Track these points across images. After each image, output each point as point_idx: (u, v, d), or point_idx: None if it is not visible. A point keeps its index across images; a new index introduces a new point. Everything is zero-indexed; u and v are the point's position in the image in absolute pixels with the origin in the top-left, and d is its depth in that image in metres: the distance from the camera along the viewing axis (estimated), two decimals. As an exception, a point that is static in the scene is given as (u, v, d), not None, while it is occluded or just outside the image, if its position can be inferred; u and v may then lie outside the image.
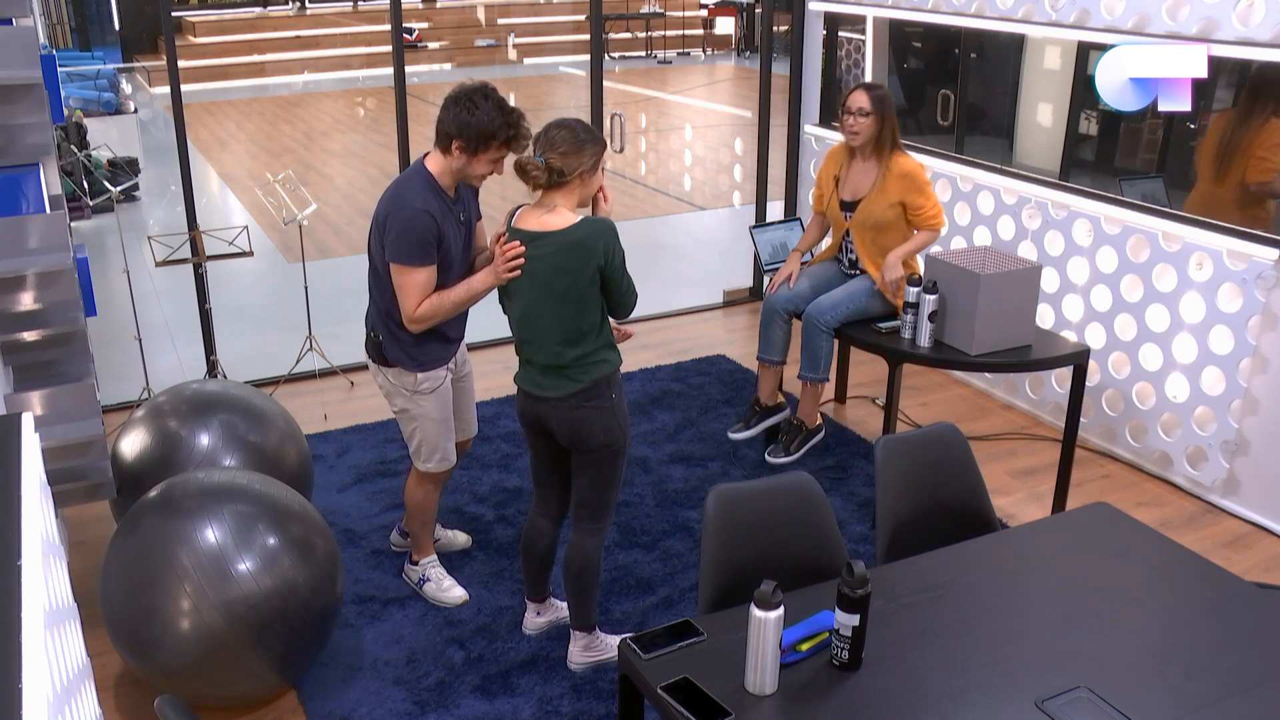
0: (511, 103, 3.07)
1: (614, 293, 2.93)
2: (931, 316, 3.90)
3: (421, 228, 3.01)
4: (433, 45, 17.68)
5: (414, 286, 3.07)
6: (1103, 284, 4.52)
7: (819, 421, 4.46)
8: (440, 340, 3.30)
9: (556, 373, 2.97)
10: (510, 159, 3.00)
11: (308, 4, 18.13)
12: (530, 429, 3.14)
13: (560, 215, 2.88)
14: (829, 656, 2.18)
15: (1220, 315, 4.06)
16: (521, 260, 2.90)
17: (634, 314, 3.26)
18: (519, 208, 3.00)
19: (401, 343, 3.22)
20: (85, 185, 7.97)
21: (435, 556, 3.63)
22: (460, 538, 3.89)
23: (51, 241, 3.08)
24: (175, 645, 2.82)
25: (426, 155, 3.12)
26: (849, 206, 4.23)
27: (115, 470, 3.44)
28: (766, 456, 4.39)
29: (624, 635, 2.60)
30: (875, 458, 2.76)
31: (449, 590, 3.56)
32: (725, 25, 19.34)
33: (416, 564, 3.61)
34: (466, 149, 3.01)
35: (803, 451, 4.39)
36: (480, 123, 2.96)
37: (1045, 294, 4.69)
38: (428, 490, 3.48)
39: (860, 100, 4.07)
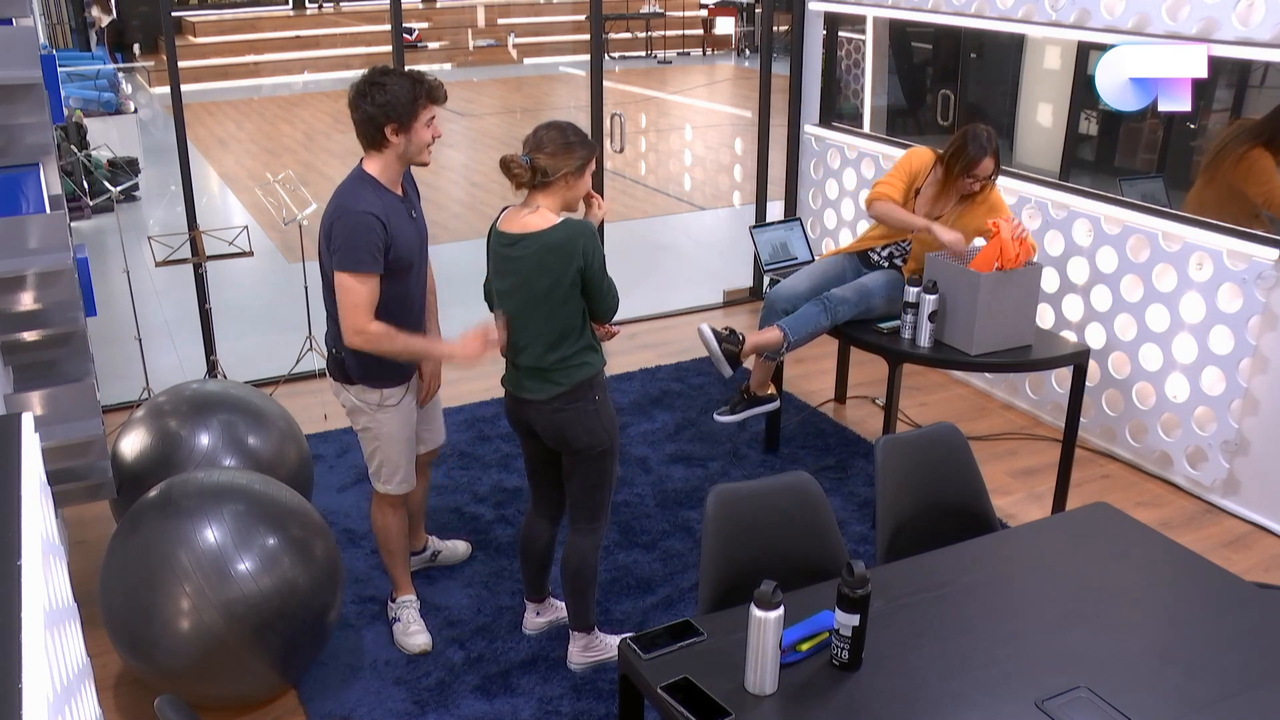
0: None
1: (594, 295, 2.92)
2: (931, 316, 3.90)
3: (367, 231, 2.88)
4: (433, 45, 17.67)
5: (359, 296, 2.90)
6: (1103, 284, 4.52)
7: (770, 390, 4.37)
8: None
9: (539, 375, 2.97)
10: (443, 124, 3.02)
11: (307, 4, 18.12)
12: (518, 430, 3.15)
13: (542, 216, 2.87)
14: (829, 656, 2.18)
15: (1220, 315, 4.06)
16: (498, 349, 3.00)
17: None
18: (506, 208, 3.00)
19: (363, 360, 3.06)
20: (85, 185, 7.97)
21: (412, 596, 3.47)
22: (461, 548, 3.85)
23: (51, 241, 3.08)
24: (175, 645, 2.82)
25: (361, 161, 3.02)
26: None
27: (115, 470, 3.44)
28: (715, 416, 4.33)
29: (624, 635, 2.60)
30: (875, 458, 2.76)
31: (413, 636, 3.37)
32: (725, 25, 19.34)
33: (394, 600, 3.47)
34: (401, 126, 2.92)
35: (746, 415, 4.30)
36: (397, 93, 2.88)
37: (1045, 294, 4.69)
38: (387, 515, 3.34)
39: (989, 168, 3.96)
